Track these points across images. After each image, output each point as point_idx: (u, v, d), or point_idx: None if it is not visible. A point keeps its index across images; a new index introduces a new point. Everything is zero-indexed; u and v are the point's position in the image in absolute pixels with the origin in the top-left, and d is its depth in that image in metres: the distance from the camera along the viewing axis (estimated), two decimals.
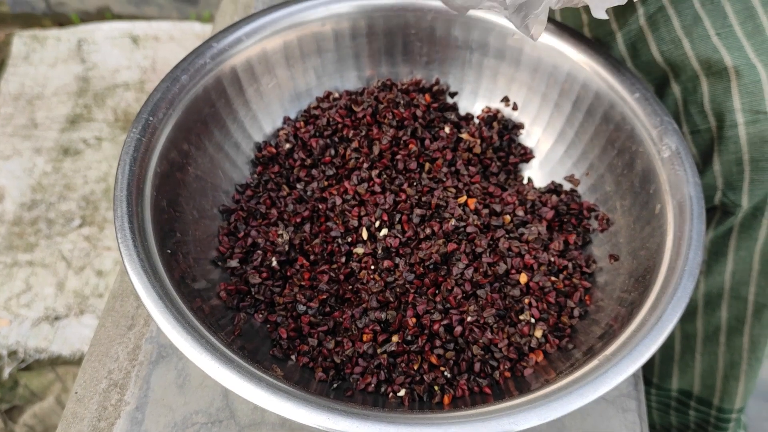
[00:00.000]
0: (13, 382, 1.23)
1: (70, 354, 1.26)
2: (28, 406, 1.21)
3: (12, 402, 1.21)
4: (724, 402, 0.72)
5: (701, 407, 0.74)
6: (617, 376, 0.37)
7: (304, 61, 0.57)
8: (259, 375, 0.37)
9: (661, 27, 0.54)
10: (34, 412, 1.20)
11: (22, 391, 1.23)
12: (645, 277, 0.44)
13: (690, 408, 0.75)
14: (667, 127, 0.48)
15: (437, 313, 0.47)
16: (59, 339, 1.28)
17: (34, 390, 1.23)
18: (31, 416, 1.20)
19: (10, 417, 1.20)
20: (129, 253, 0.41)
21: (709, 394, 0.72)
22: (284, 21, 0.55)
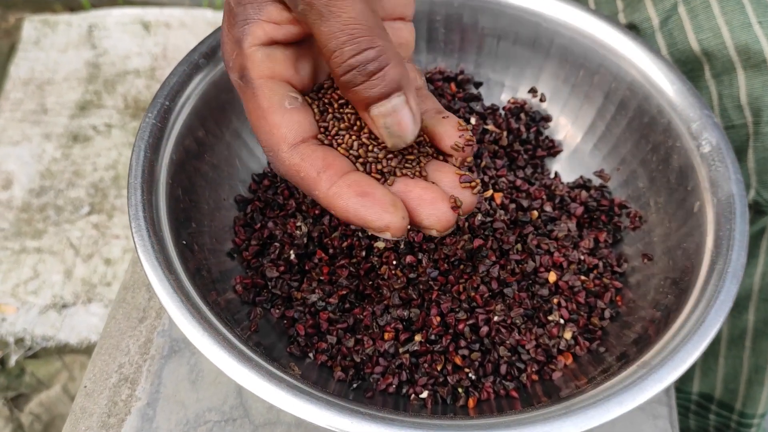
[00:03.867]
0: (19, 370, 1.23)
1: (78, 342, 1.25)
2: (34, 394, 1.20)
3: (18, 390, 1.20)
4: (747, 407, 0.70)
5: (723, 411, 0.73)
6: (657, 384, 0.35)
7: None
8: (279, 375, 0.36)
9: (700, 14, 0.52)
10: (41, 401, 1.19)
11: (28, 379, 1.22)
12: (683, 279, 0.42)
13: (710, 412, 0.74)
14: (707, 121, 0.46)
15: (462, 312, 0.45)
16: (66, 327, 1.27)
17: (40, 378, 1.22)
18: (38, 405, 1.19)
19: (16, 405, 1.19)
20: (143, 244, 0.39)
21: (732, 398, 0.71)
22: None
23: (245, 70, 0.32)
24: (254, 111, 0.32)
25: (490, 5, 0.55)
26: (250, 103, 0.32)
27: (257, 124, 0.32)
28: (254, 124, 0.32)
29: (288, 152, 0.31)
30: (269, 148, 0.32)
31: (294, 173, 0.31)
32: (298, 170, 0.31)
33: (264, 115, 0.31)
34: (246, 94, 0.32)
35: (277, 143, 0.31)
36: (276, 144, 0.31)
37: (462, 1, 0.55)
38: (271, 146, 0.31)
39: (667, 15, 0.55)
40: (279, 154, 0.31)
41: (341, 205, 0.31)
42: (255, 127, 0.32)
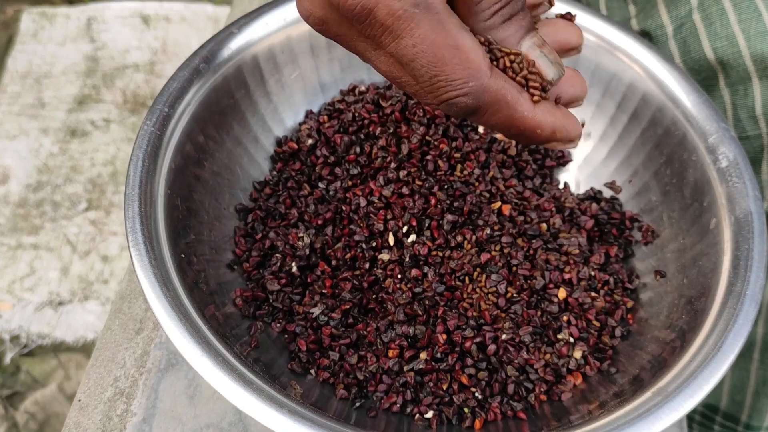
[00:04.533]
0: (14, 368, 1.22)
1: (74, 340, 1.24)
2: (29, 392, 1.19)
3: (13, 388, 1.19)
4: (753, 419, 0.69)
5: (728, 423, 0.72)
6: (673, 413, 0.34)
7: (330, 50, 0.53)
8: (280, 399, 0.34)
9: (715, 21, 0.51)
10: (36, 399, 1.18)
11: (23, 377, 1.21)
12: (699, 300, 0.41)
13: (715, 423, 0.73)
14: (724, 134, 0.45)
15: (469, 329, 0.43)
16: (63, 325, 1.26)
17: (36, 376, 1.21)
18: (33, 403, 1.18)
19: (11, 403, 1.18)
20: (141, 259, 0.37)
21: (737, 410, 0.70)
22: None
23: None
24: (441, 41, 0.28)
25: None
26: (433, 34, 0.28)
27: (446, 55, 0.28)
28: (440, 57, 0.28)
29: (493, 77, 0.29)
30: (466, 78, 0.29)
31: (501, 98, 0.30)
32: (505, 93, 0.30)
33: (456, 44, 0.28)
34: (424, 23, 0.28)
35: (478, 69, 0.29)
36: (477, 71, 0.29)
37: None
38: (469, 76, 0.29)
39: (682, 22, 0.53)
40: (484, 81, 0.29)
41: (549, 121, 0.32)
42: (440, 60, 0.28)
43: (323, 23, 0.30)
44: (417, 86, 0.30)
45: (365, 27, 0.28)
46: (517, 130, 0.31)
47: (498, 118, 0.30)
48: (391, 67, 0.30)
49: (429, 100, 0.30)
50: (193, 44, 1.66)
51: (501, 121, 0.31)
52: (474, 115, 0.30)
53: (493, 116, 0.30)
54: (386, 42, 0.29)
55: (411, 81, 0.30)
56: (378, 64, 0.31)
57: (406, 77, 0.30)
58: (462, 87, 0.29)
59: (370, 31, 0.28)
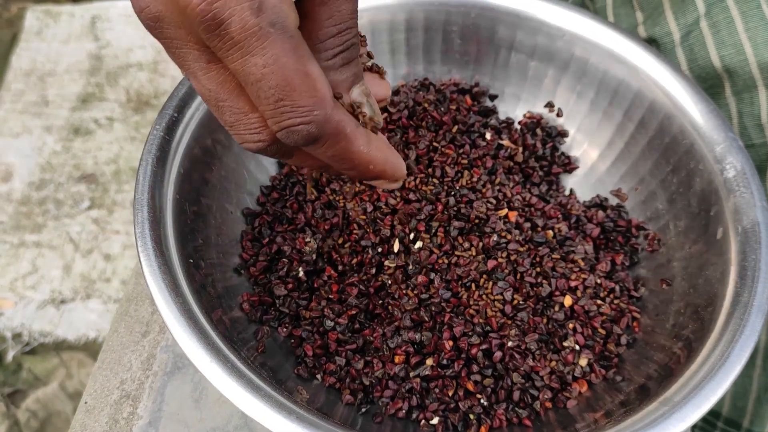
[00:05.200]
0: (16, 366, 1.22)
1: (76, 339, 1.24)
2: (31, 390, 1.19)
3: (15, 386, 1.20)
4: (755, 425, 0.69)
5: (729, 429, 0.72)
6: (680, 423, 0.34)
7: None
8: (288, 405, 0.34)
9: (722, 29, 0.51)
10: (37, 397, 1.18)
11: (25, 375, 1.21)
12: (705, 310, 0.41)
13: (717, 429, 0.73)
14: (732, 144, 0.45)
15: (475, 336, 0.44)
16: (65, 323, 1.26)
17: (37, 374, 1.21)
18: (34, 401, 1.18)
19: (13, 401, 1.18)
20: (150, 264, 0.37)
21: (739, 415, 0.70)
22: None
23: (283, 17, 0.27)
24: (292, 65, 0.27)
25: (508, 17, 0.53)
26: (285, 57, 0.27)
27: (295, 80, 0.27)
28: (289, 81, 0.27)
29: (336, 108, 0.29)
30: (311, 106, 0.28)
31: (341, 130, 0.29)
32: (345, 126, 0.30)
33: (306, 71, 0.27)
34: (278, 45, 0.27)
35: (323, 99, 0.28)
36: (322, 100, 0.28)
37: (479, 12, 0.53)
38: (315, 104, 0.28)
39: (689, 30, 0.53)
40: (328, 111, 0.28)
41: (381, 157, 0.32)
42: (289, 84, 0.27)
43: (158, 21, 0.28)
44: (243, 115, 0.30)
45: (212, 37, 0.26)
46: (351, 163, 0.31)
47: (335, 150, 0.30)
48: (218, 87, 0.29)
49: (270, 124, 0.29)
50: None
51: (337, 153, 0.30)
52: (312, 144, 0.29)
53: (331, 148, 0.30)
54: (232, 57, 0.27)
55: (235, 106, 0.30)
56: (204, 80, 0.29)
57: (232, 101, 0.29)
58: (307, 115, 0.28)
59: (217, 42, 0.26)
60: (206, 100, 0.30)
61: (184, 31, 0.28)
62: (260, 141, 0.30)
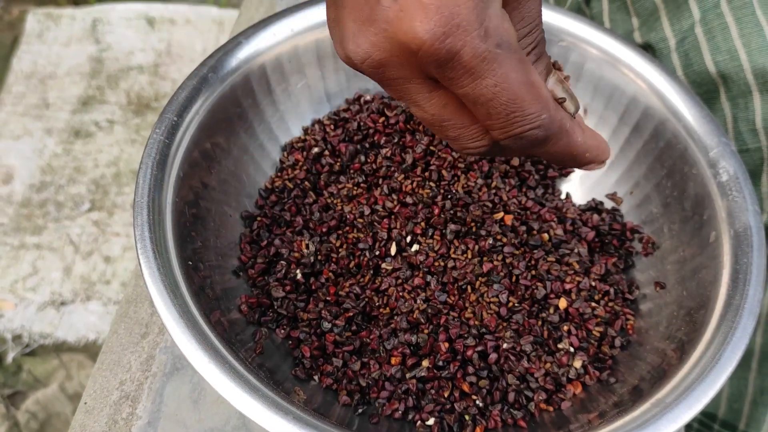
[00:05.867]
0: (16, 367, 1.22)
1: (75, 340, 1.24)
2: (31, 392, 1.20)
3: (15, 387, 1.20)
4: (750, 427, 0.70)
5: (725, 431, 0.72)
6: (672, 424, 0.35)
7: (336, 60, 0.54)
8: (285, 406, 0.35)
9: (717, 35, 0.51)
10: (37, 399, 1.19)
11: (25, 377, 1.21)
12: (698, 312, 0.41)
13: (713, 431, 0.73)
14: (725, 149, 0.45)
15: (471, 338, 0.44)
16: (65, 325, 1.26)
17: (37, 376, 1.21)
18: (34, 403, 1.18)
19: (13, 403, 1.18)
20: (149, 266, 0.38)
21: (735, 418, 0.70)
22: (318, 17, 0.51)
23: (506, 35, 0.28)
24: (519, 79, 0.28)
25: None
26: (513, 73, 0.28)
27: (522, 91, 0.29)
28: (518, 93, 0.28)
29: (556, 109, 0.31)
30: (539, 111, 0.29)
31: (563, 127, 0.31)
32: (565, 123, 0.31)
33: (531, 80, 0.29)
34: (506, 63, 0.28)
35: (548, 103, 0.30)
36: (546, 104, 0.30)
37: None
38: (542, 109, 0.30)
39: (684, 35, 0.54)
40: (552, 113, 0.30)
41: (595, 144, 0.34)
42: (519, 97, 0.29)
43: (382, 66, 0.29)
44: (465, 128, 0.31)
45: (444, 69, 0.28)
46: (571, 155, 0.33)
47: (558, 146, 0.32)
48: (441, 110, 0.31)
49: (497, 135, 0.30)
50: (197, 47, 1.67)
51: (560, 149, 0.32)
52: (539, 145, 0.31)
53: (555, 145, 0.32)
54: (463, 83, 0.28)
55: (458, 123, 0.31)
56: (428, 107, 0.31)
57: (456, 120, 0.31)
58: (535, 120, 0.29)
59: (449, 74, 0.28)
60: (428, 123, 0.31)
61: (408, 71, 0.29)
62: (482, 146, 0.32)
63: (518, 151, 0.33)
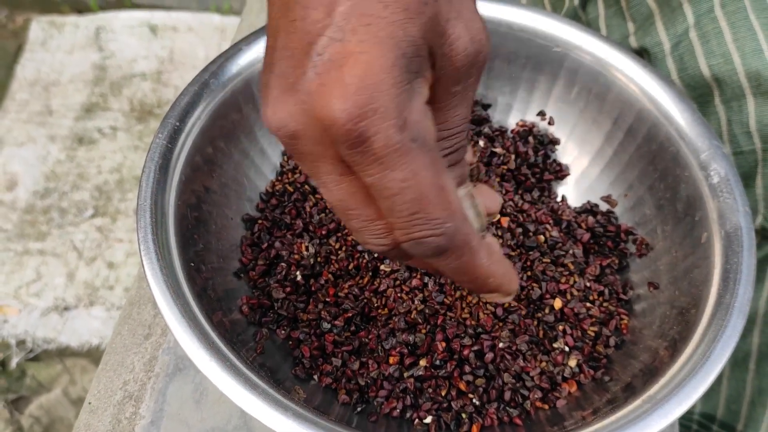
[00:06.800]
0: (20, 372, 1.23)
1: (79, 345, 1.25)
2: (34, 397, 1.20)
3: (19, 392, 1.21)
4: (749, 428, 0.70)
5: None
6: (662, 419, 0.35)
7: None
8: (285, 403, 0.36)
9: (711, 39, 0.52)
10: (41, 404, 1.20)
11: (29, 382, 1.22)
12: (689, 311, 0.42)
13: None
14: (716, 151, 0.46)
15: (468, 337, 0.45)
16: (68, 330, 1.27)
17: (41, 381, 1.22)
18: (38, 407, 1.19)
19: (17, 407, 1.19)
20: (152, 267, 0.39)
21: (734, 419, 0.71)
22: None
23: (424, 132, 0.27)
24: (429, 179, 0.27)
25: (501, 27, 0.55)
26: (424, 171, 0.27)
27: (431, 194, 0.27)
28: (425, 195, 0.27)
29: (464, 221, 0.29)
30: (444, 219, 0.28)
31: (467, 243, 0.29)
32: (471, 239, 0.29)
33: (442, 184, 0.27)
34: (418, 159, 0.27)
35: (455, 212, 0.28)
36: (454, 213, 0.28)
37: None
38: (448, 217, 0.28)
39: (678, 40, 0.55)
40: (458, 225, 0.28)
41: (501, 272, 0.32)
42: (425, 198, 0.27)
43: (295, 138, 0.28)
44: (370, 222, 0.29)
45: (353, 153, 0.26)
46: (471, 276, 0.31)
47: (458, 263, 0.30)
48: (348, 197, 0.29)
49: (398, 235, 0.28)
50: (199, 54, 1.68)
51: (460, 265, 0.30)
52: (437, 256, 0.29)
53: (456, 260, 0.30)
54: (370, 172, 0.26)
55: (363, 214, 0.29)
56: (335, 191, 0.29)
57: (361, 210, 0.29)
58: (439, 227, 0.28)
59: (358, 158, 0.26)
60: (334, 208, 0.30)
61: (321, 147, 0.27)
62: (383, 245, 0.30)
63: (419, 261, 0.32)
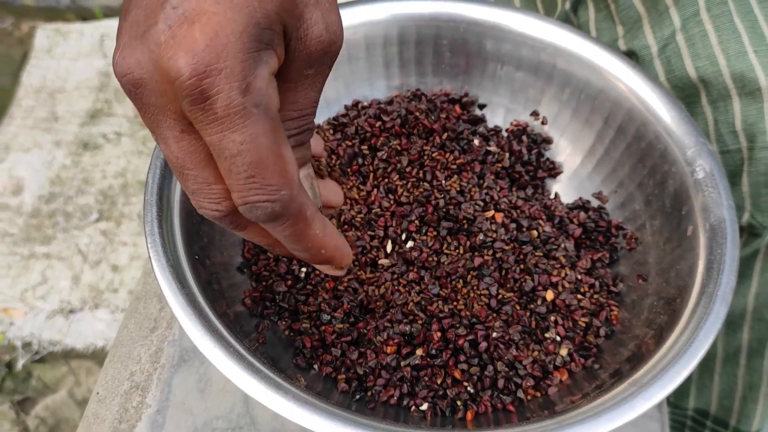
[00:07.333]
0: (26, 374, 1.24)
1: (84, 347, 1.26)
2: (40, 398, 1.22)
3: (25, 393, 1.22)
4: (741, 423, 0.71)
5: (717, 428, 0.74)
6: (646, 402, 0.37)
7: (335, 68, 0.57)
8: (286, 386, 0.37)
9: (697, 42, 0.54)
10: (47, 405, 1.21)
11: (35, 383, 1.24)
12: (675, 300, 0.44)
13: (706, 428, 0.75)
14: (702, 148, 0.48)
15: (462, 327, 0.47)
16: (73, 332, 1.28)
17: (47, 382, 1.24)
18: (44, 408, 1.21)
19: (23, 408, 1.20)
20: (158, 258, 0.40)
21: (727, 414, 0.72)
22: None
23: (267, 99, 0.28)
24: (268, 145, 0.28)
25: (495, 31, 0.56)
26: (263, 137, 0.28)
27: (269, 159, 0.28)
28: (263, 160, 0.28)
29: (300, 190, 0.30)
30: (280, 186, 0.29)
31: (302, 212, 0.30)
32: (306, 209, 0.31)
33: (280, 152, 0.28)
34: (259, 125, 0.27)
35: (291, 181, 0.29)
36: (290, 182, 0.29)
37: (467, 27, 0.57)
38: (284, 184, 0.29)
39: (666, 42, 0.56)
40: (294, 193, 0.29)
41: (333, 244, 0.33)
42: (262, 163, 0.28)
43: (139, 87, 0.28)
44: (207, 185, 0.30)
45: (195, 110, 0.27)
46: (305, 245, 0.32)
47: (292, 231, 0.31)
48: (186, 156, 0.30)
49: (235, 198, 0.29)
50: None
51: (293, 233, 0.31)
52: (272, 221, 0.30)
53: (289, 228, 0.31)
54: (211, 131, 0.27)
55: (200, 176, 0.30)
56: (174, 147, 0.30)
57: (198, 171, 0.30)
58: (274, 194, 0.29)
59: (199, 115, 0.27)
60: (172, 165, 0.30)
61: (164, 99, 0.28)
62: (217, 211, 0.31)
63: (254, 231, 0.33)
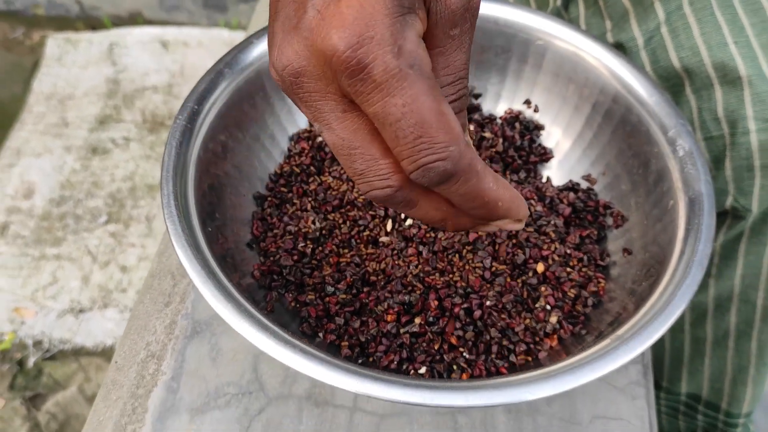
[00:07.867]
0: (37, 371, 1.27)
1: (93, 346, 1.29)
2: (51, 394, 1.24)
3: (36, 390, 1.25)
4: (732, 406, 0.73)
5: (709, 411, 0.75)
6: (627, 354, 0.40)
7: None
8: (295, 343, 0.40)
9: (681, 34, 0.57)
10: (57, 401, 1.24)
11: (45, 380, 1.26)
12: (655, 268, 0.47)
13: (698, 412, 0.77)
14: (682, 129, 0.51)
15: (458, 297, 0.50)
16: (83, 331, 1.31)
17: (57, 379, 1.26)
18: (54, 404, 1.23)
19: (34, 404, 1.23)
20: (175, 228, 0.44)
21: (717, 398, 0.74)
22: None
23: (420, 60, 0.28)
24: (429, 104, 0.28)
25: (489, 24, 0.60)
26: (423, 96, 0.28)
27: (432, 118, 0.28)
28: (427, 119, 0.28)
29: (467, 146, 0.30)
30: (448, 142, 0.28)
31: (473, 166, 0.30)
32: (476, 163, 0.30)
33: (441, 110, 0.28)
34: (417, 85, 0.28)
35: (458, 136, 0.29)
36: (457, 137, 0.29)
37: None
38: (451, 140, 0.29)
39: (651, 35, 0.60)
40: (462, 148, 0.29)
41: (508, 196, 0.33)
42: (427, 122, 0.28)
43: (299, 76, 0.29)
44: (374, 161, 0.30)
45: (355, 82, 0.27)
46: (481, 201, 0.32)
47: (467, 188, 0.31)
48: (352, 135, 0.30)
49: (406, 165, 0.29)
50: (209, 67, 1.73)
51: (469, 190, 0.31)
52: (446, 182, 0.30)
53: (464, 185, 0.30)
54: (373, 99, 0.28)
55: (367, 153, 0.30)
56: (338, 129, 0.30)
57: (365, 148, 0.30)
58: (443, 151, 0.28)
59: (360, 86, 0.27)
60: (338, 149, 0.31)
61: (323, 83, 0.29)
62: (389, 187, 0.31)
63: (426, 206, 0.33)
